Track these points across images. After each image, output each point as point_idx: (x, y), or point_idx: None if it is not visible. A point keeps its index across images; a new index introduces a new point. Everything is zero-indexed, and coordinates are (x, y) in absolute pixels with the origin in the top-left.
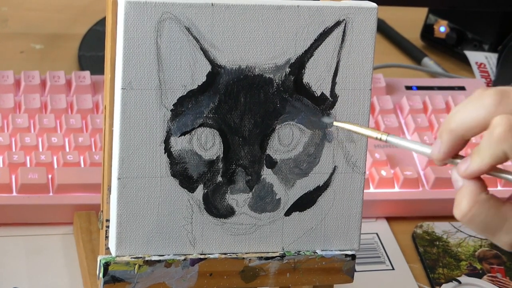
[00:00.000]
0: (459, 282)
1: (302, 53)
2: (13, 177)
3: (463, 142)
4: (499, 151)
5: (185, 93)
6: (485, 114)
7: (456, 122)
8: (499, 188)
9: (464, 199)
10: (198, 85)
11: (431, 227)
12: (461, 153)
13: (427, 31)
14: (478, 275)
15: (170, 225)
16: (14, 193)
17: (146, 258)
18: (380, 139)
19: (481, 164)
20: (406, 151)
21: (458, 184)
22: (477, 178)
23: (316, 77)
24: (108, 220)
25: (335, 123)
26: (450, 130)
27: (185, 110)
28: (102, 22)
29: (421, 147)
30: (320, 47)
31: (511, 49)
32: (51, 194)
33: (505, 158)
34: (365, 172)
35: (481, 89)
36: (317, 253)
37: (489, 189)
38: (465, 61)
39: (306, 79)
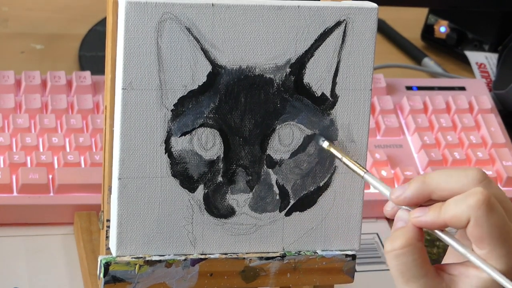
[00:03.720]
0: None
1: (303, 53)
2: (14, 177)
3: (427, 198)
4: (465, 215)
5: (186, 93)
6: (465, 184)
7: (433, 178)
8: None
9: (401, 237)
10: (199, 85)
11: None
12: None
13: (428, 31)
14: None
15: (170, 225)
16: (15, 193)
17: (147, 258)
18: (358, 174)
19: (437, 218)
20: (407, 151)
21: (399, 224)
22: (420, 228)
23: (316, 77)
24: (108, 220)
25: (325, 146)
26: (423, 181)
27: (185, 110)
28: (102, 22)
29: (382, 187)
30: (320, 47)
31: (511, 49)
32: (51, 194)
33: (463, 224)
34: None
35: (470, 167)
36: (317, 253)
37: None
38: (466, 61)
39: (306, 79)
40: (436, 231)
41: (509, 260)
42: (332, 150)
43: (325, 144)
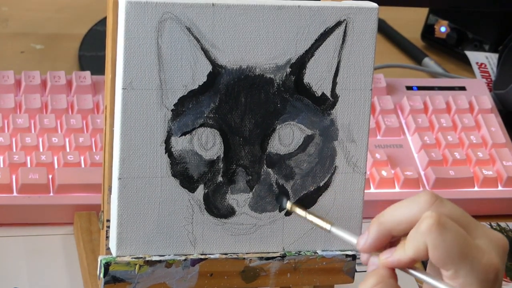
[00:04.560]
0: None
1: (303, 53)
2: (14, 177)
3: (389, 237)
4: (422, 243)
5: (186, 93)
6: (417, 211)
7: (386, 215)
8: (499, 188)
9: (373, 276)
10: (199, 85)
11: None
12: None
13: (428, 31)
14: None
15: (170, 225)
16: (15, 193)
17: (147, 258)
18: (325, 229)
19: (403, 256)
20: (407, 151)
21: (371, 268)
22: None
23: (316, 77)
24: (108, 220)
25: (288, 207)
26: (379, 222)
27: (185, 110)
28: (102, 22)
29: (350, 237)
30: (321, 47)
31: None
32: (51, 194)
33: (425, 252)
34: (365, 172)
35: (419, 193)
36: (317, 253)
37: (489, 189)
38: (466, 61)
39: (306, 79)
40: (408, 270)
41: (478, 274)
42: (296, 210)
43: (288, 205)
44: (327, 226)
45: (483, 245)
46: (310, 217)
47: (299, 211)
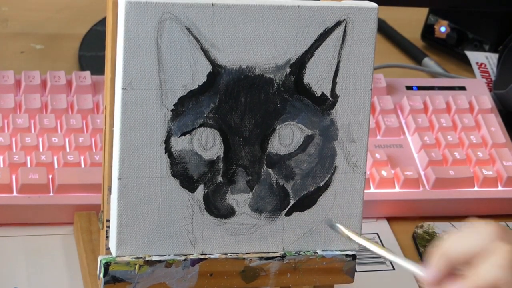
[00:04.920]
0: None
1: (303, 53)
2: (14, 177)
3: (454, 269)
4: (498, 279)
5: (186, 93)
6: (481, 244)
7: (452, 247)
8: (499, 188)
9: None
10: (199, 85)
11: (431, 227)
12: None
13: (428, 31)
14: None
15: (170, 225)
16: (15, 193)
17: (147, 258)
18: (385, 258)
19: (475, 285)
20: (407, 151)
21: None
22: None
23: (316, 77)
24: (108, 220)
25: (340, 228)
26: (445, 254)
27: (185, 110)
28: (102, 22)
29: (416, 268)
30: (320, 47)
31: None
32: (51, 194)
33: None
34: (365, 172)
35: (479, 222)
36: (317, 253)
37: (489, 189)
38: (466, 61)
39: (306, 79)
40: None
41: None
42: (349, 233)
43: (343, 232)
44: (389, 256)
45: None
46: (372, 247)
47: (357, 239)
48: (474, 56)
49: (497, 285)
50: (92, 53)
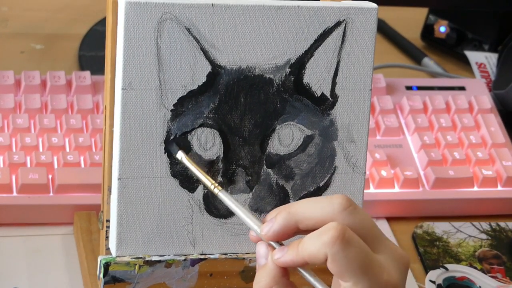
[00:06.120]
0: (446, 269)
1: (302, 53)
2: (14, 177)
3: (294, 229)
4: (321, 252)
5: (185, 93)
6: (329, 212)
7: (298, 207)
8: (499, 188)
9: (265, 278)
10: (198, 86)
11: (431, 227)
12: None
13: (427, 31)
14: None
15: (170, 226)
16: (15, 193)
17: (147, 259)
18: (212, 191)
19: (296, 258)
20: (407, 151)
21: (262, 261)
22: None
23: (316, 78)
24: (108, 221)
25: (179, 157)
26: (289, 212)
27: (185, 111)
28: (102, 22)
29: (251, 221)
30: (320, 47)
31: (511, 49)
32: (51, 194)
33: (322, 261)
34: (365, 172)
35: (337, 195)
36: None
37: (489, 189)
38: (465, 61)
39: (306, 79)
40: (298, 268)
41: None
42: (185, 161)
43: (179, 155)
44: (214, 189)
45: (385, 261)
46: (198, 173)
47: (187, 163)
48: (474, 56)
49: (319, 258)
50: (92, 53)
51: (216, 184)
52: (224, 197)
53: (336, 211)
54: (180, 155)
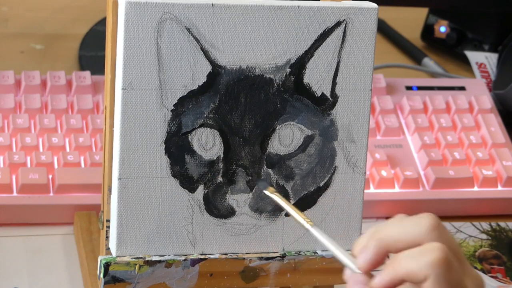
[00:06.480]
0: None
1: (303, 53)
2: (14, 177)
3: (386, 255)
4: (423, 273)
5: (186, 93)
6: (418, 234)
7: (386, 232)
8: (499, 188)
9: None
10: (199, 86)
11: None
12: None
13: (428, 31)
14: None
15: (170, 226)
16: (15, 193)
17: (147, 258)
18: (303, 226)
19: (394, 276)
20: (407, 151)
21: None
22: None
23: (316, 78)
24: (108, 221)
25: (266, 192)
26: (379, 238)
27: (185, 111)
28: (102, 22)
29: (344, 257)
30: (320, 47)
31: (511, 49)
32: (51, 194)
33: (419, 280)
34: (365, 173)
35: (424, 214)
36: (317, 253)
37: (489, 189)
38: (465, 61)
39: (306, 79)
40: None
41: None
42: (277, 199)
43: (268, 191)
44: (307, 225)
45: (471, 284)
46: (290, 210)
47: (278, 199)
48: (474, 56)
49: (419, 278)
50: (92, 53)
51: (308, 220)
52: (316, 233)
53: (426, 232)
54: (271, 192)
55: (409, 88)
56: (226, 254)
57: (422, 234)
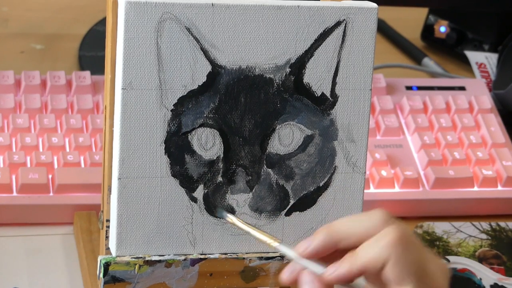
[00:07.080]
0: (448, 261)
1: (303, 53)
2: (14, 177)
3: (333, 248)
4: (382, 257)
5: (186, 93)
6: (370, 227)
7: (338, 226)
8: (499, 188)
9: None
10: (199, 85)
11: (431, 227)
12: None
13: (427, 31)
14: None
15: (170, 225)
16: (15, 193)
17: (147, 258)
18: (270, 245)
19: (351, 268)
20: (407, 151)
21: (307, 286)
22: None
23: (316, 77)
24: (108, 220)
25: (228, 219)
26: (330, 231)
27: (185, 110)
28: (102, 22)
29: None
30: (320, 47)
31: (511, 49)
32: (51, 194)
33: (379, 267)
34: (365, 172)
35: (374, 210)
36: None
37: (489, 189)
38: (465, 61)
39: (306, 79)
40: (351, 284)
41: None
42: (238, 223)
43: (229, 219)
44: (274, 243)
45: (434, 269)
46: (254, 232)
47: (241, 225)
48: (474, 56)
49: (378, 263)
50: (92, 53)
51: (275, 238)
52: (284, 249)
53: (377, 225)
54: (231, 218)
55: (409, 88)
56: (226, 254)
57: (375, 226)
